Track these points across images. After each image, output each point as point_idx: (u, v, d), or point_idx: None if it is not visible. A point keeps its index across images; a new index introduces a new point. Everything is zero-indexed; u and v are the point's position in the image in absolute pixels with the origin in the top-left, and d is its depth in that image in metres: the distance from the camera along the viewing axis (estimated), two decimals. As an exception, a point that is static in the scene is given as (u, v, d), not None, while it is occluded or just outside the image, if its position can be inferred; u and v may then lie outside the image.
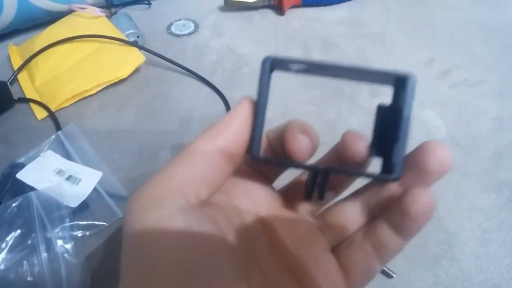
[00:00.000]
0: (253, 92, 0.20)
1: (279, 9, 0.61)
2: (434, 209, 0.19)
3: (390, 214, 0.20)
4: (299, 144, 0.20)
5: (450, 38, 0.56)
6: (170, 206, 0.18)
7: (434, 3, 0.63)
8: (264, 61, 0.20)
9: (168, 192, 0.18)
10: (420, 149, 0.20)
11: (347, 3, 0.63)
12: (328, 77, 0.21)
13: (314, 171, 0.21)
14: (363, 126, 0.25)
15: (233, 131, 0.20)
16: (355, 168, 0.21)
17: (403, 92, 0.19)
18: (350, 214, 0.22)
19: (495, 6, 0.62)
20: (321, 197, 0.22)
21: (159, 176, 0.19)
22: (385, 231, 0.20)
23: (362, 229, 0.22)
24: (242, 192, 0.22)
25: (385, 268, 0.32)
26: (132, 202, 0.18)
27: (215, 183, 0.20)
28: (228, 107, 0.46)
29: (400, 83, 0.20)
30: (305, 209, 0.23)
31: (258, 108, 0.20)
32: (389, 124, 0.20)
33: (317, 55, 0.53)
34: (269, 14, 0.62)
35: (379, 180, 0.21)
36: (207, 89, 0.49)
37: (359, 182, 0.23)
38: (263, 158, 0.21)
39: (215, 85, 0.48)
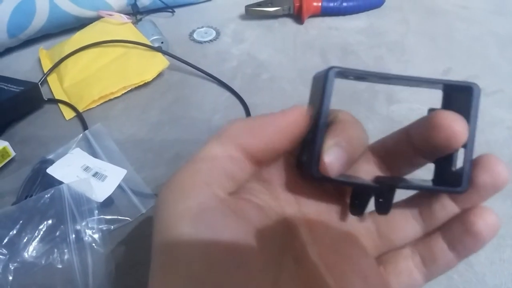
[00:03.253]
0: (272, 97, 0.20)
1: (298, 18, 0.63)
2: (498, 230, 0.19)
3: (449, 229, 0.20)
4: (328, 159, 0.18)
5: (468, 49, 0.57)
6: (196, 198, 0.18)
7: (452, 15, 0.64)
8: (329, 73, 0.19)
9: (194, 184, 0.18)
10: (474, 162, 0.19)
11: (366, 13, 0.64)
12: (383, 83, 0.22)
13: (382, 188, 0.19)
14: (380, 132, 0.26)
15: (271, 133, 0.19)
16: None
17: (467, 100, 0.19)
18: (401, 223, 0.21)
19: (512, 17, 0.63)
20: (385, 211, 0.20)
21: (187, 168, 0.19)
22: (440, 246, 0.20)
23: (413, 240, 0.21)
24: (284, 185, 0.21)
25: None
26: (164, 190, 0.19)
27: (239, 178, 0.20)
28: (247, 111, 0.47)
29: (463, 92, 0.19)
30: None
31: (319, 121, 0.19)
32: None
33: (335, 62, 0.55)
34: (289, 22, 0.63)
35: (443, 192, 0.20)
36: (227, 94, 0.50)
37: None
38: (326, 177, 0.18)
39: (235, 89, 0.50)
